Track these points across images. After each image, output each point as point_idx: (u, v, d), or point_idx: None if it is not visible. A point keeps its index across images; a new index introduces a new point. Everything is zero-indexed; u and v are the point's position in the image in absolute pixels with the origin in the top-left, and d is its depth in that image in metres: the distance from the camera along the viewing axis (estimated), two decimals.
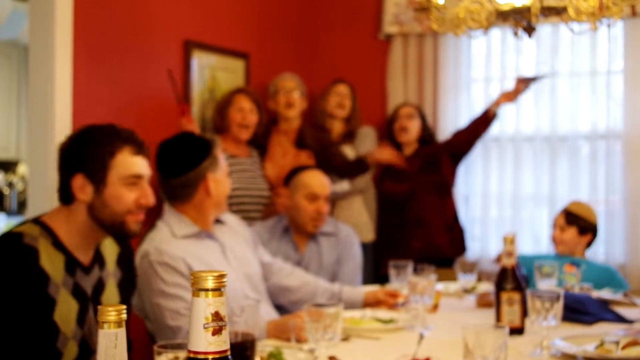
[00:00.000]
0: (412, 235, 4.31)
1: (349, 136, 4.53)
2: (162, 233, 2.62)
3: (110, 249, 2.25)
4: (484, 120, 4.27)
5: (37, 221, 2.09)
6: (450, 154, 4.39)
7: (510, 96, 4.23)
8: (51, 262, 2.00)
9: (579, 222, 3.58)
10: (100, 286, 2.17)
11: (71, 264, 2.06)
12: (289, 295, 2.98)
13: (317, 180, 3.50)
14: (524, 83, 4.21)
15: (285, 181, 3.62)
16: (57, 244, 2.05)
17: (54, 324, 1.99)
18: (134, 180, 2.09)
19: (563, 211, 3.64)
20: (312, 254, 3.47)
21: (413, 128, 4.46)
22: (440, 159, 4.39)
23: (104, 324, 1.01)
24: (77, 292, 2.06)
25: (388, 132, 4.57)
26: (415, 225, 4.33)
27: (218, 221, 2.83)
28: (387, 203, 4.47)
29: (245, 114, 3.93)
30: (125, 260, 2.31)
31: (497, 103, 4.25)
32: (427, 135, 4.54)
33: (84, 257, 2.12)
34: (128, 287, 2.32)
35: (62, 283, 2.01)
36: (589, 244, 3.62)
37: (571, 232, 3.57)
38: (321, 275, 3.45)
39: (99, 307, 1.02)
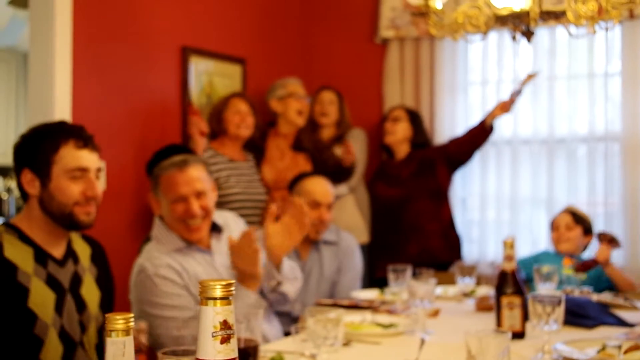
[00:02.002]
0: (407, 240, 4.29)
1: (339, 139, 4.54)
2: (155, 248, 2.64)
3: (81, 247, 2.32)
4: (481, 133, 4.26)
5: (3, 223, 2.23)
6: (447, 162, 4.39)
7: (506, 107, 4.22)
8: (18, 253, 2.09)
9: (584, 223, 3.71)
10: (77, 279, 2.23)
11: (41, 256, 2.14)
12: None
13: (319, 188, 3.50)
14: (517, 93, 4.21)
15: (289, 187, 3.62)
16: (24, 238, 2.14)
17: (30, 311, 2.05)
18: (79, 173, 2.17)
19: (567, 212, 3.75)
20: (313, 263, 3.47)
21: (397, 131, 4.45)
22: (435, 164, 4.38)
23: (112, 332, 1.02)
24: (52, 282, 2.13)
25: (380, 135, 4.60)
26: (410, 230, 4.31)
27: (216, 228, 2.82)
28: (381, 207, 4.46)
29: (243, 115, 3.94)
30: (100, 259, 2.38)
31: (493, 115, 4.22)
32: (420, 138, 4.53)
33: (56, 251, 2.19)
34: (106, 284, 2.38)
35: (33, 273, 2.09)
36: (585, 247, 3.72)
37: (578, 231, 3.69)
38: (321, 283, 3.45)
39: (107, 315, 1.03)
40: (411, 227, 4.32)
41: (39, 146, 2.16)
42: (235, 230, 2.86)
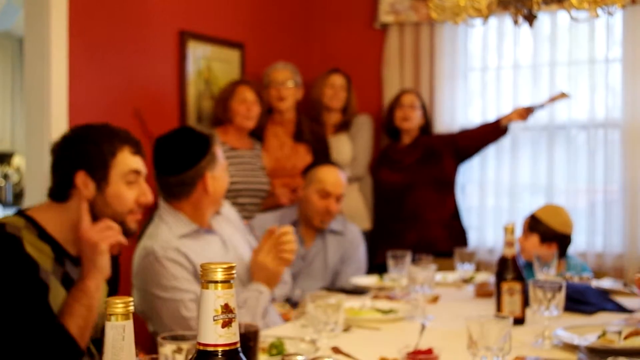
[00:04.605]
0: (407, 228, 4.27)
1: (345, 126, 4.51)
2: (163, 231, 2.58)
3: None
4: (494, 132, 4.25)
5: (21, 214, 2.12)
6: (454, 153, 4.35)
7: (523, 115, 4.20)
8: (37, 251, 2.04)
9: (539, 229, 3.23)
10: None
11: (60, 254, 2.10)
12: None
13: (332, 178, 3.47)
14: (539, 106, 4.21)
15: (304, 172, 3.60)
16: (44, 236, 2.08)
17: (50, 309, 2.02)
18: (134, 177, 2.14)
19: (530, 216, 3.33)
20: (317, 251, 3.46)
21: (416, 117, 4.43)
22: (442, 154, 4.35)
23: (112, 316, 1.00)
24: (66, 281, 2.10)
25: (388, 119, 4.54)
26: (411, 218, 4.29)
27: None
28: (383, 193, 4.44)
29: (249, 105, 3.90)
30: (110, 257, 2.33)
31: (509, 119, 4.22)
32: (426, 124, 4.52)
33: (73, 249, 2.15)
34: (113, 282, 2.33)
35: (51, 271, 2.05)
36: (562, 254, 3.23)
37: (532, 240, 3.23)
38: (324, 271, 3.44)
39: (106, 299, 1.01)
40: (411, 215, 4.30)
41: (95, 149, 2.11)
42: (227, 215, 2.85)
